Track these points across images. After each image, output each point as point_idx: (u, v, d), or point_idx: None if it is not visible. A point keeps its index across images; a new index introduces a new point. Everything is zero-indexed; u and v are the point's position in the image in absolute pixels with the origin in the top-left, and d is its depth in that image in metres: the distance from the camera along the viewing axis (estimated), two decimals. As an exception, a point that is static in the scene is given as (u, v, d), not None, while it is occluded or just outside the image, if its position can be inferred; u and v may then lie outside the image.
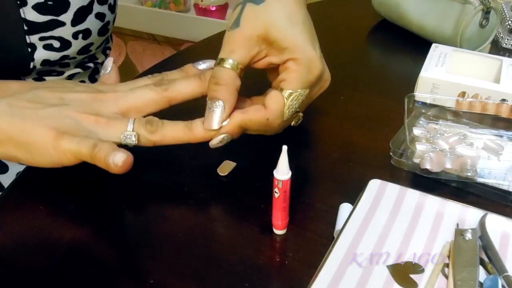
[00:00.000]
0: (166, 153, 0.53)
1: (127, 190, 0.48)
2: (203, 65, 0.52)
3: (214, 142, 0.46)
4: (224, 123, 0.45)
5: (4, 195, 0.48)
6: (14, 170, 0.62)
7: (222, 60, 0.46)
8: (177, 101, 0.48)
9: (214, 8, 1.86)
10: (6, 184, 0.62)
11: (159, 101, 0.47)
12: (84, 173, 0.51)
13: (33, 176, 0.50)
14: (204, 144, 0.55)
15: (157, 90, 0.47)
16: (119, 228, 0.44)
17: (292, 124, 0.51)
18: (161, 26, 2.18)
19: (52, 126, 0.43)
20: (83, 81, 0.69)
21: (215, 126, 0.45)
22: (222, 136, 0.46)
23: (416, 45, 0.75)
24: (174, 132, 0.46)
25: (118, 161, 0.41)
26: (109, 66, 0.51)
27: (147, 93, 0.47)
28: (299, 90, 0.46)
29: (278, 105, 0.45)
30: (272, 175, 0.40)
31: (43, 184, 0.49)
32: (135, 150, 0.54)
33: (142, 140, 0.45)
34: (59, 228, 0.44)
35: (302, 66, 0.45)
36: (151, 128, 0.45)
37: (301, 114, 0.51)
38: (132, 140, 0.45)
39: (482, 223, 0.41)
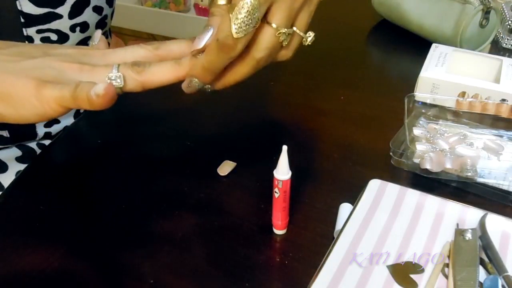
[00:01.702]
0: (167, 153, 0.53)
1: (127, 190, 0.48)
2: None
3: (184, 85, 0.44)
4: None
5: (4, 195, 0.48)
6: (14, 169, 0.62)
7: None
8: (166, 56, 0.45)
9: (214, 8, 1.86)
10: (5, 183, 0.62)
11: (149, 59, 0.45)
12: (84, 173, 0.51)
13: (33, 176, 0.50)
14: (204, 144, 0.55)
15: (147, 48, 0.46)
16: (119, 228, 0.44)
17: (305, 43, 0.47)
18: (161, 26, 2.18)
19: (33, 76, 0.41)
20: None
21: (200, 45, 0.43)
22: (189, 79, 0.44)
23: (416, 45, 0.75)
24: (162, 69, 0.43)
25: (99, 90, 0.39)
26: (97, 37, 0.49)
27: (136, 50, 0.45)
28: (245, 1, 0.41)
29: (224, 22, 0.42)
30: (272, 175, 0.40)
31: (43, 184, 0.49)
32: (135, 150, 0.54)
33: (128, 82, 0.42)
34: (59, 228, 0.44)
35: None
36: (138, 69, 0.42)
37: (311, 33, 0.47)
38: (118, 83, 0.42)
39: (482, 223, 0.41)
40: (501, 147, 0.50)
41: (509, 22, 0.74)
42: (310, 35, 0.47)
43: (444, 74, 0.59)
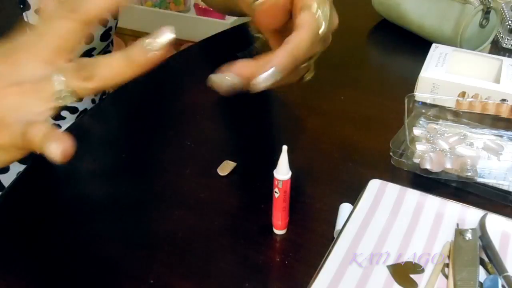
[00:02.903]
0: (167, 153, 0.53)
1: (127, 190, 0.48)
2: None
3: (262, 78, 0.38)
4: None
5: (4, 195, 0.48)
6: (15, 169, 0.62)
7: None
8: (94, 18, 0.38)
9: (214, 8, 1.86)
10: (6, 184, 0.62)
11: (75, 29, 0.37)
12: (85, 173, 0.51)
13: (33, 176, 0.50)
14: (204, 144, 0.55)
15: (65, 16, 0.37)
16: (119, 228, 0.44)
17: (304, 79, 0.47)
18: (161, 26, 2.18)
19: None
20: None
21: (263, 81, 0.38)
22: (271, 70, 0.39)
23: (416, 45, 0.75)
24: (113, 68, 0.37)
25: (55, 151, 0.34)
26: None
27: (59, 25, 0.37)
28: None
29: (313, 20, 0.41)
30: (272, 175, 0.40)
31: (43, 184, 0.49)
32: (136, 150, 0.54)
33: (81, 93, 0.36)
34: (59, 228, 0.44)
35: None
36: (85, 75, 0.36)
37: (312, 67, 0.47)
38: (70, 99, 0.37)
39: (482, 223, 0.41)
40: (501, 147, 0.50)
41: (509, 22, 0.74)
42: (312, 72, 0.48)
43: (444, 74, 0.59)
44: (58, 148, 0.34)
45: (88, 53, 0.63)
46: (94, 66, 0.37)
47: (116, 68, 0.37)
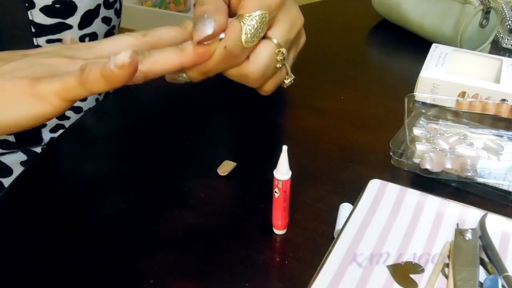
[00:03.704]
0: (166, 153, 0.53)
1: (127, 191, 0.48)
2: None
3: (170, 77, 0.43)
4: (222, 35, 0.40)
5: (4, 195, 0.48)
6: (18, 173, 0.62)
7: None
8: (158, 47, 0.42)
9: (214, 8, 1.86)
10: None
11: (138, 47, 0.41)
12: (85, 172, 0.51)
13: (33, 176, 0.50)
14: (204, 144, 0.55)
15: (135, 35, 0.42)
16: (119, 228, 0.44)
17: (284, 85, 0.47)
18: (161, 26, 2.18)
19: (23, 75, 0.36)
20: None
21: (209, 30, 0.39)
22: (178, 74, 0.42)
23: (416, 45, 0.75)
24: (164, 57, 0.39)
25: (123, 59, 0.34)
26: (67, 41, 0.45)
27: (124, 38, 0.42)
28: (257, 12, 0.41)
29: (233, 30, 0.40)
30: (272, 175, 0.40)
31: (44, 184, 0.49)
32: (136, 150, 0.54)
33: None
34: (59, 228, 0.44)
35: None
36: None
37: (292, 75, 0.47)
38: None
39: (482, 223, 0.41)
40: (501, 147, 0.50)
41: (509, 22, 0.74)
42: (292, 77, 0.47)
43: (444, 74, 0.59)
44: (125, 54, 0.34)
45: None
46: (145, 52, 0.39)
47: (166, 55, 0.40)
